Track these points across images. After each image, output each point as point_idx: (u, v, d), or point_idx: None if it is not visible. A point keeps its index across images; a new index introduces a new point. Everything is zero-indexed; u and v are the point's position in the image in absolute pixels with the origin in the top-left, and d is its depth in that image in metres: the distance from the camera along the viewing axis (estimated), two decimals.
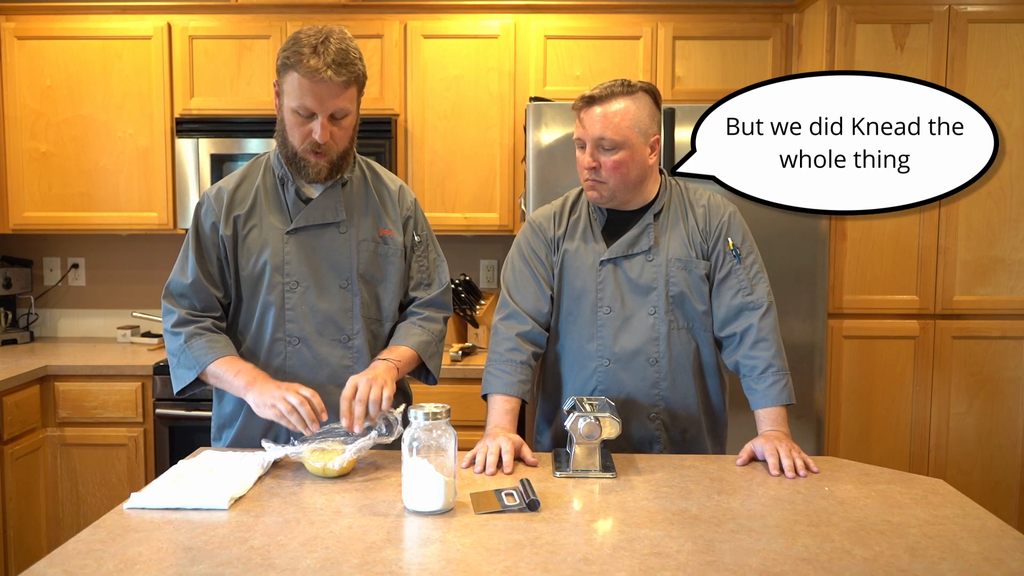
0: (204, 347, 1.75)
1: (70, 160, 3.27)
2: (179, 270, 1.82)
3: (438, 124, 3.23)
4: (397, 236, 1.87)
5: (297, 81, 1.66)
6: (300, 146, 1.72)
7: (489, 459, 1.65)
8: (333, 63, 1.65)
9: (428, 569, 1.19)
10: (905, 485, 1.58)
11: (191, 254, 1.80)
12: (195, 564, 1.19)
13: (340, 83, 1.66)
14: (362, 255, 1.83)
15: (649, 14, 3.21)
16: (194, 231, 1.81)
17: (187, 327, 1.77)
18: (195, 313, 1.79)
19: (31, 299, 3.62)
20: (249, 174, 1.85)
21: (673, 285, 1.86)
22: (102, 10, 3.23)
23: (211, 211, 1.81)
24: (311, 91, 1.66)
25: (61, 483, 2.97)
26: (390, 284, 1.87)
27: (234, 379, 1.70)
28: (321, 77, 1.64)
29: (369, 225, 1.84)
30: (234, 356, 1.76)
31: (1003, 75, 2.95)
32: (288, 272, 1.79)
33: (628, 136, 1.78)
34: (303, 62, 1.64)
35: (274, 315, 1.80)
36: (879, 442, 3.03)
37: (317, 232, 1.80)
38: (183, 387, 1.78)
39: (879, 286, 3.00)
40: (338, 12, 3.23)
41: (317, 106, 1.67)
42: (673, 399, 1.88)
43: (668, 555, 1.23)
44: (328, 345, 1.81)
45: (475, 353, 3.22)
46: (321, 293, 1.80)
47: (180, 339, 1.77)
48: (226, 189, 1.82)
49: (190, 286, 1.79)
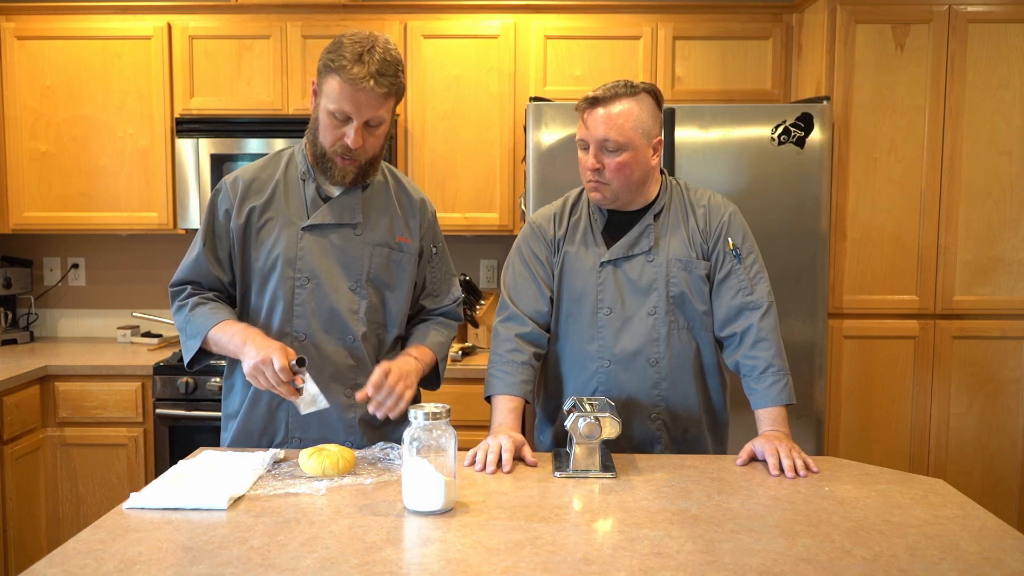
0: (207, 313, 1.76)
1: (70, 160, 3.27)
2: (187, 257, 1.84)
3: (438, 124, 3.23)
4: (413, 244, 1.88)
5: (338, 86, 1.67)
6: (331, 148, 1.74)
7: (489, 457, 1.65)
8: (377, 73, 1.66)
9: (428, 569, 1.19)
10: (905, 485, 1.58)
11: (200, 237, 1.82)
12: (195, 564, 1.19)
13: (381, 94, 1.68)
14: (375, 259, 1.83)
15: (649, 14, 3.21)
16: (209, 216, 1.83)
17: (192, 298, 1.80)
18: (200, 291, 1.82)
19: (31, 299, 3.62)
20: (269, 166, 1.86)
21: (673, 286, 1.86)
22: (102, 10, 3.23)
23: (227, 198, 1.82)
24: (351, 98, 1.67)
25: (61, 483, 2.97)
26: (401, 291, 1.88)
27: (229, 342, 1.71)
28: (363, 86, 1.65)
29: (385, 230, 1.85)
30: (231, 320, 1.76)
31: (1003, 75, 2.95)
32: (300, 268, 1.79)
33: (631, 137, 1.78)
34: (347, 68, 1.65)
35: (283, 310, 1.80)
36: (879, 442, 3.03)
37: (332, 231, 1.81)
38: (192, 358, 1.78)
39: (879, 286, 3.00)
40: (338, 12, 3.23)
41: (354, 113, 1.68)
42: (674, 399, 1.88)
43: (668, 555, 1.23)
44: (333, 344, 1.82)
45: (475, 353, 3.22)
46: (330, 292, 1.80)
47: (185, 310, 1.79)
48: (243, 179, 1.83)
49: (196, 267, 1.82)
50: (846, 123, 2.95)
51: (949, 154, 2.97)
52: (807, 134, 2.79)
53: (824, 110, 2.79)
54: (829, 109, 2.80)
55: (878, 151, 2.97)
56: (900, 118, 2.96)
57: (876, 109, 2.96)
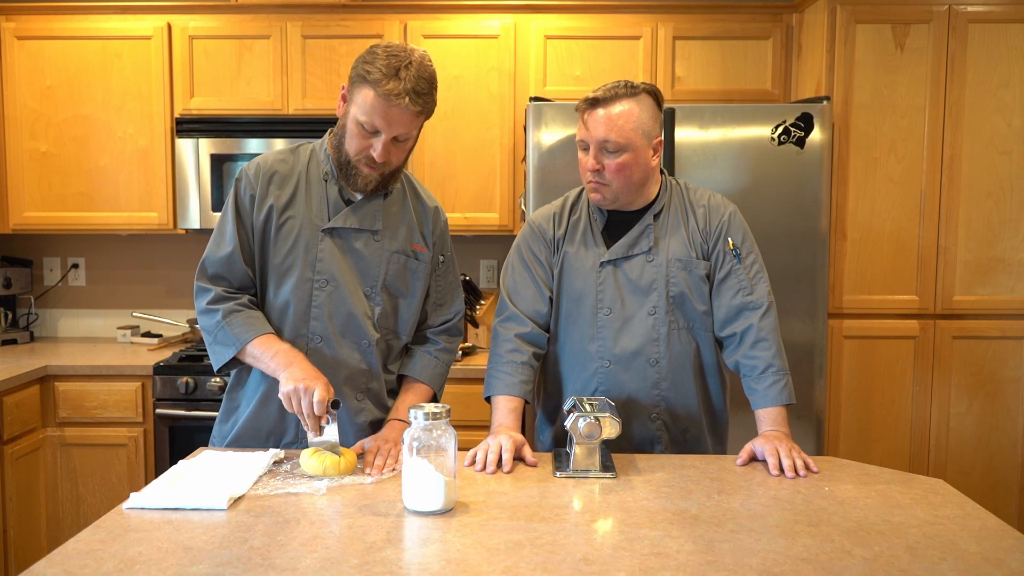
0: (243, 324, 1.73)
1: (70, 160, 3.27)
2: (215, 245, 1.79)
3: (438, 124, 3.23)
4: (427, 253, 1.88)
5: (372, 98, 1.64)
6: (355, 156, 1.72)
7: (489, 457, 1.65)
8: (412, 91, 1.64)
9: (428, 569, 1.19)
10: (905, 485, 1.58)
11: (230, 225, 1.77)
12: (195, 564, 1.19)
13: (414, 112, 1.66)
14: (391, 266, 1.83)
15: (649, 14, 3.21)
16: (233, 204, 1.79)
17: (224, 303, 1.75)
18: (230, 291, 1.77)
19: (31, 299, 3.62)
20: (288, 160, 1.82)
21: (673, 286, 1.86)
22: (102, 10, 3.23)
23: (250, 186, 1.79)
24: (383, 113, 1.65)
25: (61, 483, 2.97)
26: (414, 300, 1.88)
27: (271, 360, 1.68)
28: (396, 103, 1.63)
29: (403, 238, 1.84)
30: (272, 335, 1.74)
31: (1003, 75, 2.95)
32: (320, 270, 1.78)
33: (632, 138, 1.78)
34: (382, 83, 1.63)
35: (300, 311, 1.79)
36: (879, 442, 3.03)
37: (353, 235, 1.80)
38: (222, 365, 1.75)
39: (879, 286, 3.00)
40: (338, 12, 3.23)
41: (384, 127, 1.67)
42: (674, 399, 1.88)
43: (668, 555, 1.23)
44: (348, 348, 1.81)
45: (475, 353, 3.22)
46: (348, 296, 1.79)
47: (217, 316, 1.74)
48: (264, 169, 1.79)
49: (226, 260, 1.77)
50: (846, 123, 2.95)
51: (949, 154, 2.97)
52: (807, 134, 2.79)
53: (824, 110, 2.79)
54: (829, 109, 2.80)
55: (878, 151, 2.97)
56: (900, 118, 2.96)
57: (876, 109, 2.96)
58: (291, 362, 1.67)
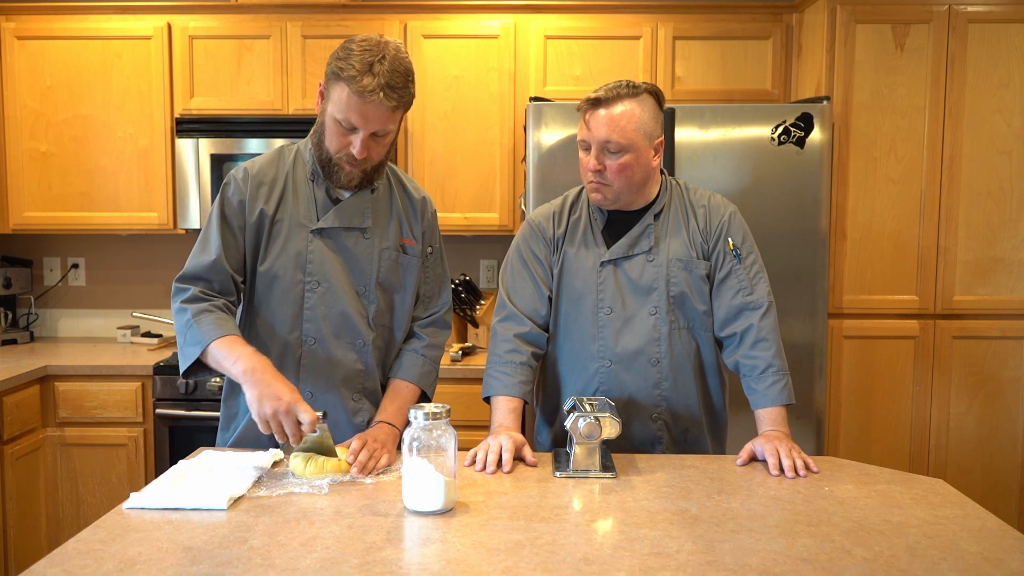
0: (212, 324, 1.64)
1: (70, 160, 3.27)
2: (199, 251, 1.74)
3: (438, 124, 3.23)
4: (417, 246, 1.87)
5: (347, 96, 1.62)
6: (336, 154, 1.71)
7: (489, 457, 1.65)
8: (386, 86, 1.61)
9: (428, 569, 1.19)
10: (905, 485, 1.58)
11: (215, 231, 1.73)
12: (195, 564, 1.19)
13: (389, 107, 1.64)
14: (383, 263, 1.82)
15: (649, 14, 3.21)
16: (220, 209, 1.75)
17: (197, 304, 1.68)
18: (209, 293, 1.71)
19: (31, 299, 3.62)
20: (274, 164, 1.80)
21: (674, 285, 1.86)
22: (102, 10, 3.23)
23: (238, 191, 1.76)
24: (358, 109, 1.63)
25: (61, 483, 2.97)
26: (407, 294, 1.87)
27: (233, 364, 1.58)
28: (371, 99, 1.61)
29: (392, 233, 1.84)
30: (237, 337, 1.65)
31: (1003, 75, 2.95)
32: (311, 272, 1.77)
33: (633, 139, 1.78)
34: (356, 79, 1.60)
35: (292, 313, 1.78)
36: (879, 442, 3.03)
37: (342, 234, 1.79)
38: (189, 366, 1.65)
39: (879, 286, 3.00)
40: (338, 12, 3.23)
41: (361, 124, 1.65)
42: (675, 399, 1.88)
43: (668, 555, 1.23)
44: (343, 348, 1.80)
45: (475, 353, 3.22)
46: (341, 296, 1.78)
47: (187, 315, 1.66)
48: (252, 174, 1.77)
49: (210, 266, 1.71)
50: (846, 123, 2.95)
51: (949, 154, 2.97)
52: (807, 134, 2.79)
53: (824, 110, 2.79)
54: (829, 109, 2.80)
55: (878, 151, 2.97)
56: (900, 118, 2.96)
57: (876, 109, 2.96)
58: (255, 370, 1.56)
